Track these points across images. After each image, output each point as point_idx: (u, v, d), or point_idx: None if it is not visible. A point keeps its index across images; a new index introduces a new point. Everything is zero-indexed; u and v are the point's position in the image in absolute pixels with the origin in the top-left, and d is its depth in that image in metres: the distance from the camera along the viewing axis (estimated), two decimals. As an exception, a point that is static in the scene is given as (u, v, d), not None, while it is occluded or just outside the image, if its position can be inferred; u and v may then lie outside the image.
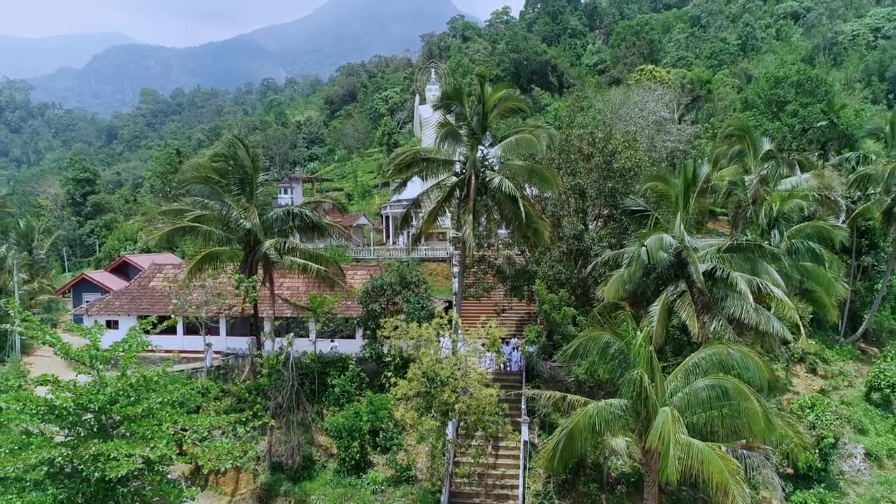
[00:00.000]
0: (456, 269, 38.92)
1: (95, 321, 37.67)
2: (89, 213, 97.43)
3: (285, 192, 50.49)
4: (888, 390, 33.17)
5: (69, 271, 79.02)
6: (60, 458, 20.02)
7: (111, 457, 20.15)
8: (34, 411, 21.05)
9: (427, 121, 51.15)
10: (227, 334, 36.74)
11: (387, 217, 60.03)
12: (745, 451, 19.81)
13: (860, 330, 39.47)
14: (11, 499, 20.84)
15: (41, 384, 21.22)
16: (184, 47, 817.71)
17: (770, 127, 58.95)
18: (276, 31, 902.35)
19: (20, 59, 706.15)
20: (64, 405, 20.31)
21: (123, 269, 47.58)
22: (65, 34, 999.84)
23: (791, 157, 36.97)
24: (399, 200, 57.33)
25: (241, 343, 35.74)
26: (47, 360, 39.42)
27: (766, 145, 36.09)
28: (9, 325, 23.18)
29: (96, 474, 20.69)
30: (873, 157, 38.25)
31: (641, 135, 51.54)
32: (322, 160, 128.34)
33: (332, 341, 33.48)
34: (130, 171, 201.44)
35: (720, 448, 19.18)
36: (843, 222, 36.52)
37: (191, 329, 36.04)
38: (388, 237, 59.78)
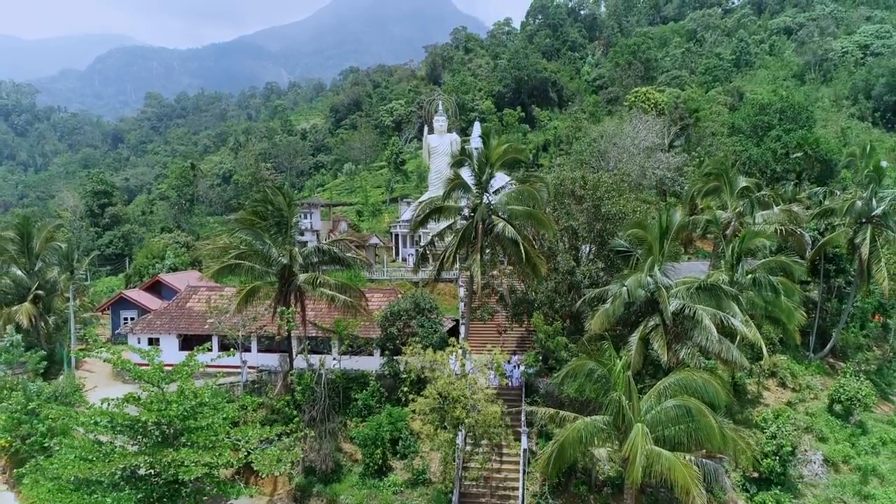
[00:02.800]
0: (462, 291, 43.13)
1: (139, 339, 42.21)
2: (107, 225, 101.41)
3: (305, 217, 54.69)
4: (847, 403, 37.35)
5: (90, 280, 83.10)
6: (142, 465, 24.27)
7: (183, 463, 24.37)
8: (117, 424, 25.34)
9: (435, 149, 55.37)
10: (257, 351, 40.90)
11: (396, 235, 64.26)
12: (704, 460, 23.98)
13: (828, 346, 43.62)
14: (98, 497, 25.03)
15: (126, 402, 25.48)
16: (185, 48, 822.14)
17: (754, 151, 63.10)
18: (277, 33, 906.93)
19: (23, 60, 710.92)
20: (147, 420, 24.57)
21: (156, 288, 51.84)
22: (67, 35, 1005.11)
23: (764, 194, 41.06)
24: (408, 221, 61.69)
25: (270, 359, 40.00)
26: (94, 374, 43.68)
27: (742, 182, 40.39)
28: (95, 352, 27.34)
29: (167, 477, 25.06)
30: (838, 193, 42.43)
31: (633, 162, 55.91)
32: (328, 168, 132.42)
33: (334, 358, 37.12)
34: (139, 177, 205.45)
35: (685, 457, 23.41)
36: (810, 252, 40.63)
37: (224, 346, 40.20)
38: (397, 254, 64.00)
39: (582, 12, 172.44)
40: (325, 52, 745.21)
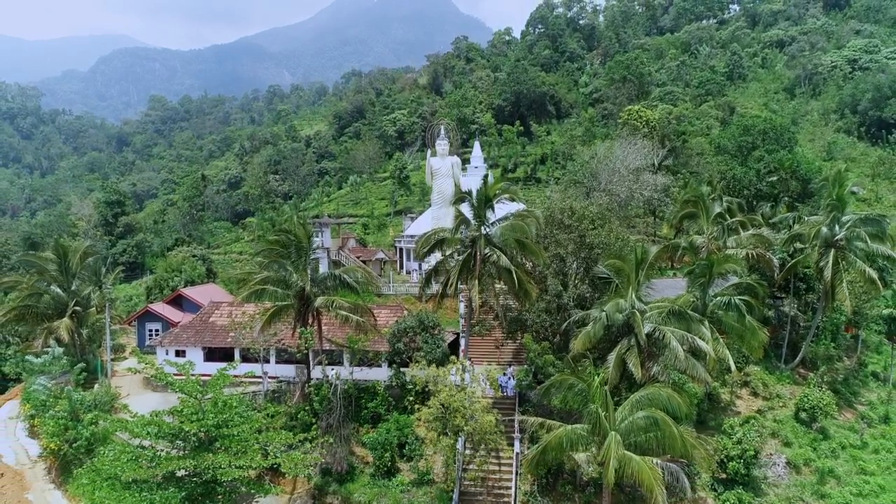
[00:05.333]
0: (462, 307, 47.01)
1: (167, 350, 46.08)
2: (121, 233, 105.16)
3: (317, 236, 58.54)
4: (811, 410, 41.20)
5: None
6: (187, 467, 28.20)
7: (220, 466, 28.30)
8: (162, 432, 29.30)
9: (438, 171, 59.31)
10: (276, 363, 44.69)
11: (400, 249, 68.18)
12: (668, 463, 27.88)
13: (798, 358, 47.42)
14: (147, 495, 28.96)
15: (171, 414, 29.46)
16: (187, 49, 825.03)
17: (738, 171, 66.90)
18: (279, 34, 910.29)
19: (25, 61, 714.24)
20: (190, 430, 28.48)
21: (178, 301, 55.80)
22: (69, 36, 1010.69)
23: (735, 221, 45.04)
24: (413, 236, 65.68)
25: (286, 370, 43.84)
26: (125, 383, 47.52)
27: (717, 209, 44.33)
28: (138, 368, 31.32)
29: (206, 478, 28.99)
30: (806, 219, 46.32)
31: (622, 183, 59.82)
32: (332, 175, 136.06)
33: (332, 369, 39.99)
34: (146, 182, 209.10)
35: (653, 461, 27.30)
36: (779, 273, 44.52)
37: (246, 358, 44.02)
38: (401, 267, 67.92)
39: (581, 22, 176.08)
40: (326, 53, 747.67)
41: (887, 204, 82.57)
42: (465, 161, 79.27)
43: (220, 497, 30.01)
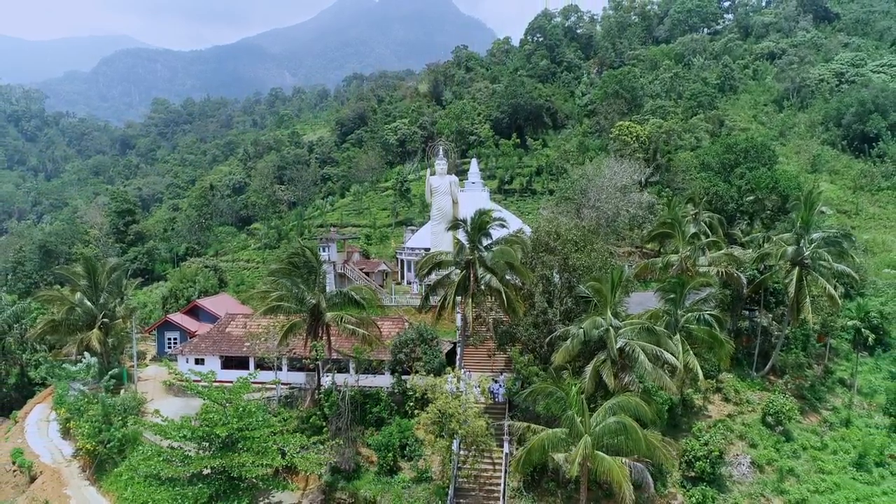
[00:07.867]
0: (459, 319, 51.02)
1: (187, 359, 50.02)
2: (132, 241, 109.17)
3: (323, 251, 62.59)
4: (776, 415, 45.18)
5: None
6: (216, 466, 32.22)
7: (244, 465, 32.34)
8: (195, 435, 33.35)
9: (436, 189, 63.30)
10: (287, 370, 48.64)
11: (401, 261, 72.19)
12: (635, 463, 31.93)
13: (768, 365, 51.37)
14: (178, 490, 32.94)
15: (197, 418, 33.50)
16: (189, 50, 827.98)
17: (721, 187, 70.85)
18: (280, 35, 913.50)
19: (25, 61, 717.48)
20: (221, 433, 32.50)
21: (194, 311, 59.90)
22: (69, 37, 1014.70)
23: (708, 241, 49.21)
24: (413, 249, 69.77)
25: (297, 377, 47.84)
26: (148, 388, 51.53)
27: (692, 229, 48.40)
28: (172, 379, 35.36)
29: (233, 475, 33.01)
30: (774, 238, 50.35)
31: (610, 201, 63.86)
32: (335, 180, 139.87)
33: (330, 374, 43.92)
34: (151, 187, 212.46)
35: (622, 460, 31.32)
36: (747, 289, 48.58)
37: (260, 366, 47.98)
38: (402, 278, 71.93)
39: (578, 31, 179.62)
40: (328, 54, 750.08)
41: (865, 216, 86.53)
42: (465, 173, 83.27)
43: (241, 492, 34.01)
